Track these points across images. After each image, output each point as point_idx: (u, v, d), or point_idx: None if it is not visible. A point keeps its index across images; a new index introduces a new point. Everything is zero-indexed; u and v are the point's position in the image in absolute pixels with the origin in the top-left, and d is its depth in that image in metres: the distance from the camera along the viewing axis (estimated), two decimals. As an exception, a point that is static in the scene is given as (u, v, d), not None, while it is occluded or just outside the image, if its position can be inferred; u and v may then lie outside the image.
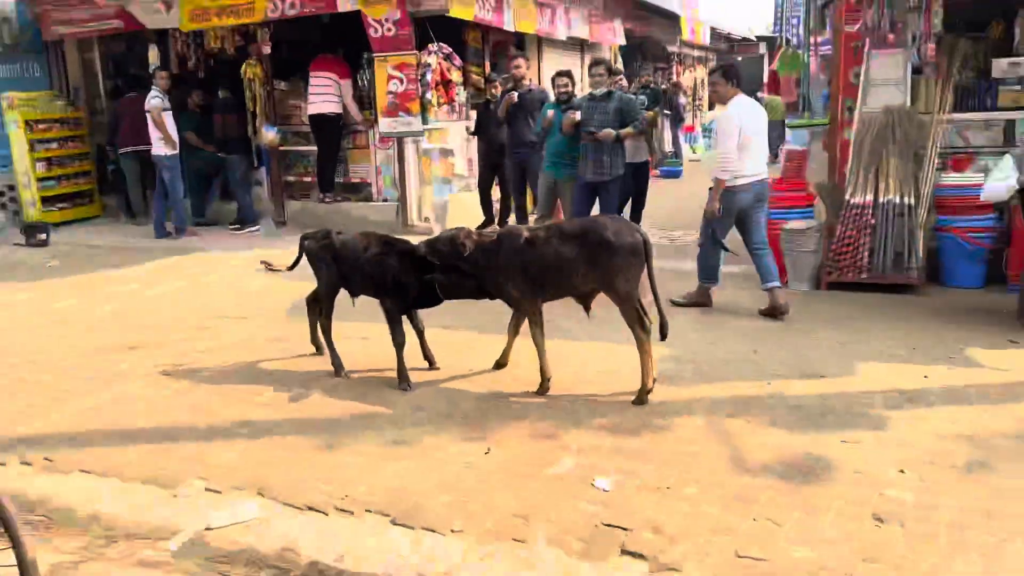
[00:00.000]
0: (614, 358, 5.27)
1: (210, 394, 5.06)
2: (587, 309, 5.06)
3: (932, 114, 6.99)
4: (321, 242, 5.42)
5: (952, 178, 6.81)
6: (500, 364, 5.27)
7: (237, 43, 11.44)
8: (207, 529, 3.52)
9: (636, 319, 4.69)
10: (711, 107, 7.17)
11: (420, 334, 5.31)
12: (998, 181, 5.76)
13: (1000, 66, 7.32)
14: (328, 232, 5.47)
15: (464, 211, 10.16)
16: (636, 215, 8.92)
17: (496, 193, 10.19)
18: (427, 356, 5.33)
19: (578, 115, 7.38)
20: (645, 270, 4.71)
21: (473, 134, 10.16)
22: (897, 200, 6.73)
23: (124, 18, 11.34)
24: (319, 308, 5.59)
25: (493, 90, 9.18)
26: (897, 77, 7.11)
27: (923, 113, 7.02)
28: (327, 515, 3.57)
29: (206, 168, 11.64)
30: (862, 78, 7.24)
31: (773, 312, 6.16)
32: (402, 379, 5.01)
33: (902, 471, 3.68)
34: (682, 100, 18.90)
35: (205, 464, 4.09)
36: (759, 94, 15.79)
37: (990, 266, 6.75)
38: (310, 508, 3.63)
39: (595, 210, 7.59)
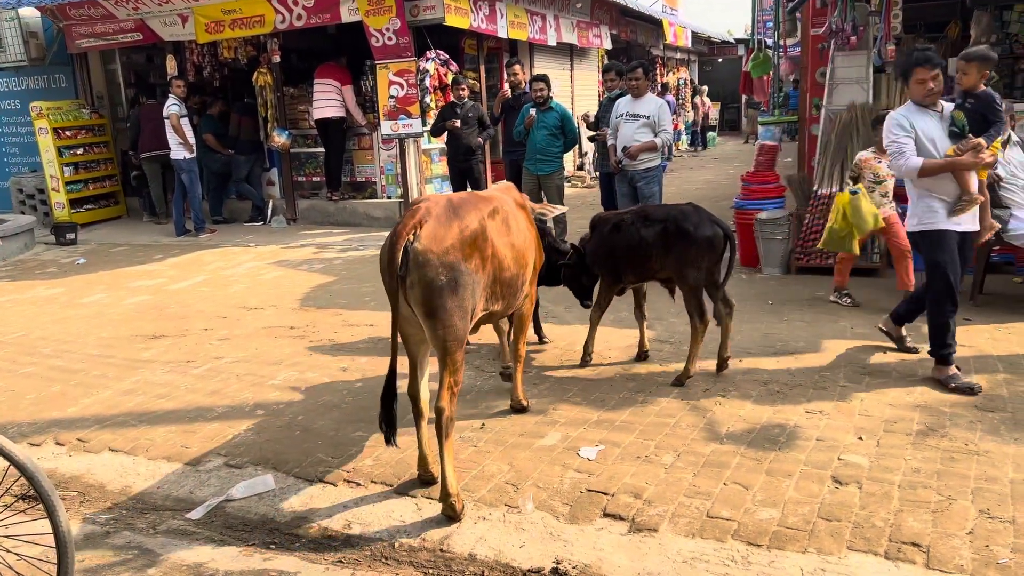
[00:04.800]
0: (601, 339, 5.34)
1: (228, 379, 5.14)
2: (671, 293, 5.09)
3: (893, 110, 7.02)
4: None
5: (911, 169, 6.85)
6: (642, 355, 5.09)
7: (249, 53, 11.52)
8: (227, 500, 3.60)
9: (696, 309, 4.58)
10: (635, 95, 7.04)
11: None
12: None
13: (956, 65, 7.35)
14: None
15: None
16: None
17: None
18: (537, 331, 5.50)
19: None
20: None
21: (433, 134, 9.88)
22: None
23: (143, 31, 11.35)
24: None
25: (460, 92, 9.11)
26: (860, 76, 7.16)
27: (884, 109, 7.05)
28: (336, 486, 3.65)
29: (223, 169, 11.71)
30: (828, 77, 7.29)
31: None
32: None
33: (860, 438, 3.75)
34: (671, 99, 18.93)
35: (225, 442, 4.17)
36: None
37: (946, 250, 6.80)
38: (320, 480, 3.71)
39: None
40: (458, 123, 8.89)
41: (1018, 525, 2.95)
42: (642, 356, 5.08)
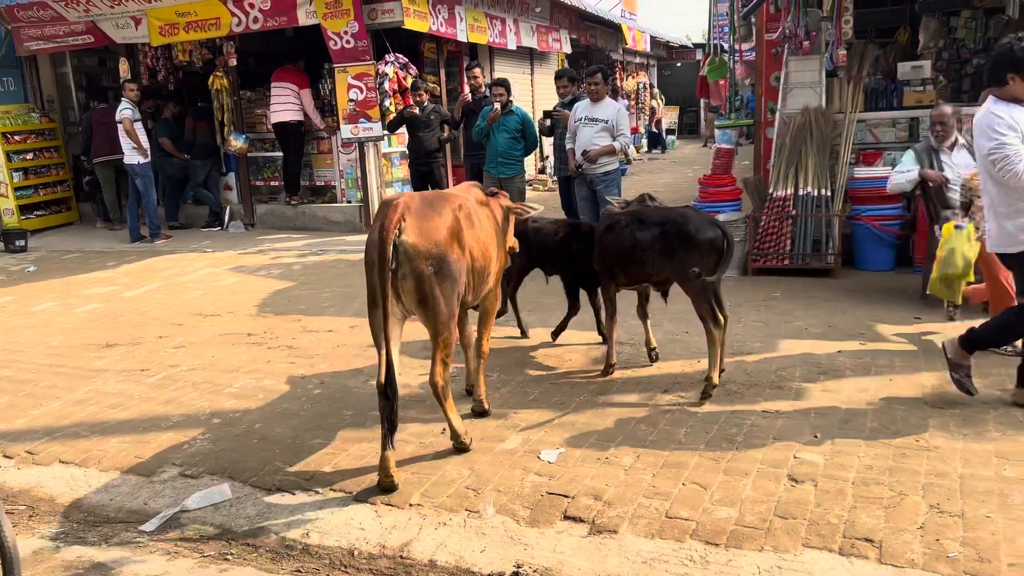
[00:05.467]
0: (562, 342, 5.36)
1: (184, 387, 5.04)
2: (664, 296, 4.98)
3: (845, 113, 7.18)
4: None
5: (863, 172, 7.00)
6: (651, 353, 4.98)
7: (205, 56, 11.36)
8: (182, 511, 3.53)
9: (709, 313, 4.33)
10: (595, 100, 7.10)
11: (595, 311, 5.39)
12: (901, 174, 5.94)
13: (904, 69, 7.55)
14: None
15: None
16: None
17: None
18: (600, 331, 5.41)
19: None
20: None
21: (389, 129, 9.80)
22: (815, 192, 6.91)
23: (95, 33, 11.13)
24: (513, 284, 5.63)
25: (419, 98, 9.09)
26: (813, 80, 7.29)
27: (837, 113, 7.21)
28: (294, 495, 3.60)
29: (179, 174, 11.52)
30: (782, 82, 7.41)
31: None
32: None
33: (815, 436, 3.81)
34: (625, 102, 19.08)
35: (180, 452, 4.09)
36: None
37: (898, 251, 6.97)
38: (278, 489, 3.65)
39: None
40: (416, 111, 8.87)
41: (967, 519, 3.02)
42: (651, 355, 4.98)
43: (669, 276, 4.60)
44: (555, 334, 5.48)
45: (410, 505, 3.42)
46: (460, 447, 3.84)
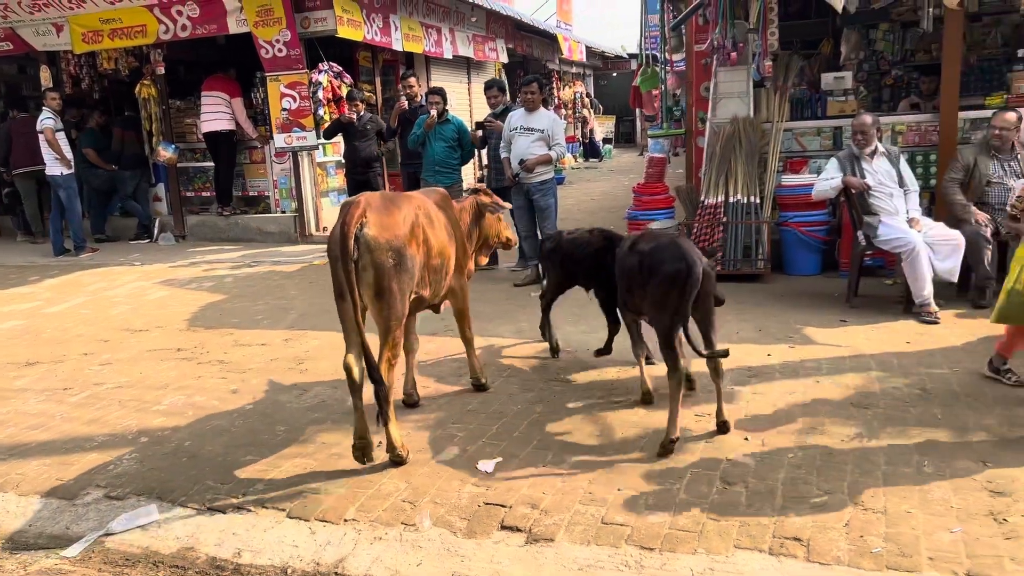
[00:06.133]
0: (497, 353, 5.36)
1: (109, 405, 4.87)
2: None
3: (772, 123, 7.37)
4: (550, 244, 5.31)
5: (790, 179, 7.19)
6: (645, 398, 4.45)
7: (131, 64, 11.07)
8: (107, 534, 3.41)
9: (669, 357, 3.80)
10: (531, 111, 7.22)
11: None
12: (825, 181, 6.13)
13: (828, 80, 7.81)
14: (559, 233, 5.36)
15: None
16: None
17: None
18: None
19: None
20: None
21: (326, 136, 9.65)
22: (744, 200, 7.08)
23: (13, 40, 10.74)
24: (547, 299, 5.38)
25: (355, 108, 9.02)
26: (741, 91, 7.48)
27: (765, 122, 7.40)
28: (225, 513, 3.51)
29: (105, 185, 11.17)
30: (712, 92, 7.58)
31: None
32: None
33: (746, 439, 3.89)
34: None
35: (105, 473, 3.95)
36: None
37: (824, 255, 7.19)
38: (209, 508, 3.56)
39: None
40: (354, 116, 8.80)
41: (889, 515, 3.12)
42: (646, 401, 4.44)
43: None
44: (599, 352, 5.13)
45: (345, 520, 3.37)
46: (396, 459, 3.82)
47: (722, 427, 3.96)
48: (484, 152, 8.49)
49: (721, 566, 2.88)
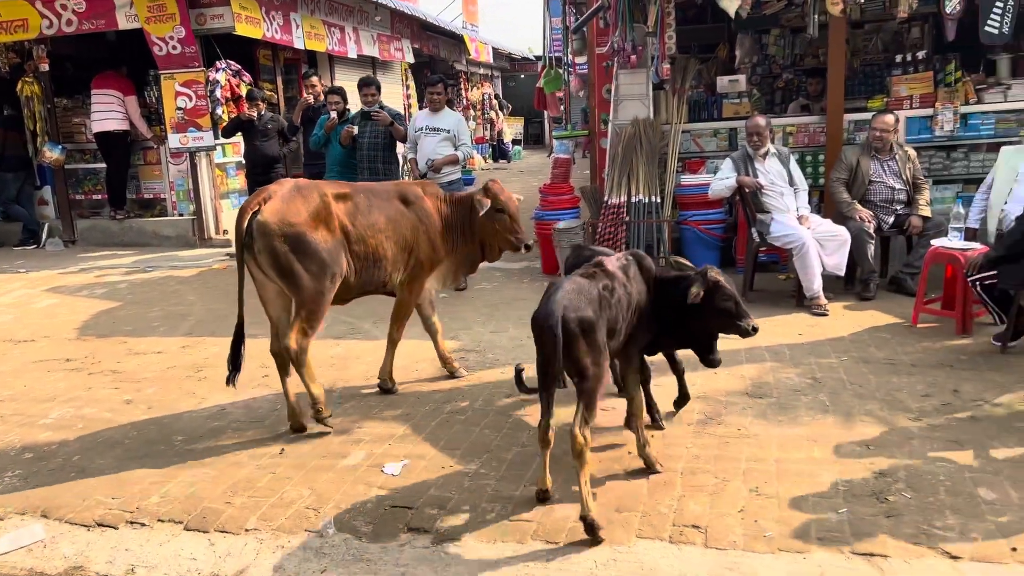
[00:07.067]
0: (407, 353, 5.31)
1: (-10, 421, 4.59)
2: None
3: (671, 124, 7.57)
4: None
5: (689, 179, 7.40)
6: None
7: (12, 60, 10.45)
8: (-14, 558, 3.21)
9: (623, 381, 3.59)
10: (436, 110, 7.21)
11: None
12: (720, 181, 6.35)
13: (723, 83, 8.07)
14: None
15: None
16: None
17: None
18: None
19: (355, 129, 7.41)
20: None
21: (224, 135, 9.36)
22: (646, 199, 7.23)
23: None
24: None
25: (256, 107, 8.79)
26: (641, 93, 7.64)
27: (664, 124, 7.60)
28: (117, 529, 3.36)
29: (-15, 189, 10.51)
30: (613, 94, 7.72)
31: None
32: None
33: (651, 435, 3.98)
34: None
35: (-17, 493, 3.72)
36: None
37: (722, 252, 7.43)
38: (99, 524, 3.40)
39: None
40: (254, 115, 8.54)
41: (781, 499, 3.26)
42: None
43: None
44: (677, 404, 4.28)
45: (246, 530, 3.28)
46: (318, 415, 4.11)
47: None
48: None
49: (623, 556, 2.94)
